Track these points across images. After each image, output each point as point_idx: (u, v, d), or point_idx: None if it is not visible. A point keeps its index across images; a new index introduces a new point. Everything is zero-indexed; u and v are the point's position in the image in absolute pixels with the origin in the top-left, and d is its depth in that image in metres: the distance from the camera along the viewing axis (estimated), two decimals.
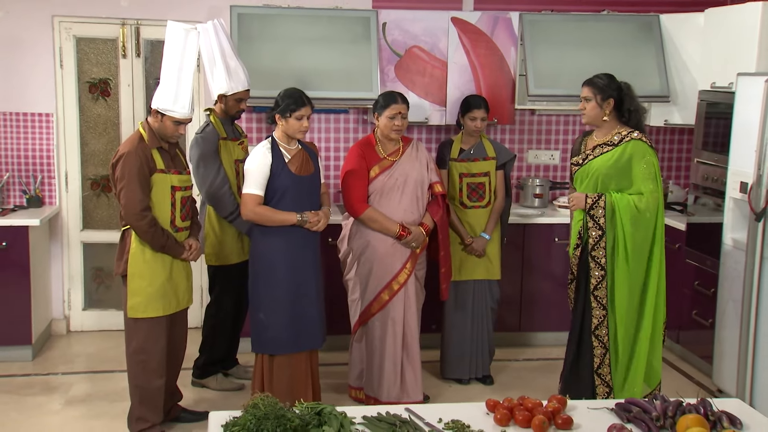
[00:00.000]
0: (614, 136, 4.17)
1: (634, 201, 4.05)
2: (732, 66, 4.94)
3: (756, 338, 4.45)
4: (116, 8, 5.65)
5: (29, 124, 5.71)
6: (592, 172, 4.16)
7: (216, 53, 4.66)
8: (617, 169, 4.10)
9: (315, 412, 2.49)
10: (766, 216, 4.36)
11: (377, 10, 5.62)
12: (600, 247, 4.09)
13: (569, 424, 2.49)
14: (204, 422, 4.12)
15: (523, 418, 2.50)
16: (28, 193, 5.66)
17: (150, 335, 4.13)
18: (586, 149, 4.27)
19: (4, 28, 5.59)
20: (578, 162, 4.27)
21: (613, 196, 4.08)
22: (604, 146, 4.17)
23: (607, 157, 4.13)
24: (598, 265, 4.11)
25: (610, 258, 4.09)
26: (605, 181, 4.13)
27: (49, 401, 4.78)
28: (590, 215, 4.12)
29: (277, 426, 2.39)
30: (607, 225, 4.07)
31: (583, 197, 4.14)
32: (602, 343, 4.14)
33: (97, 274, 6.00)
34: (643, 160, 4.08)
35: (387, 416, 2.52)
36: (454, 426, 2.49)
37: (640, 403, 2.57)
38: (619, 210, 4.05)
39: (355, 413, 2.55)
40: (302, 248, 4.24)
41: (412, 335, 4.57)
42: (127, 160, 3.98)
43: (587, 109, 4.22)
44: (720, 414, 2.50)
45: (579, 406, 2.64)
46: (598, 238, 4.10)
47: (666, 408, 2.52)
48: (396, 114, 4.45)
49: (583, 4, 6.01)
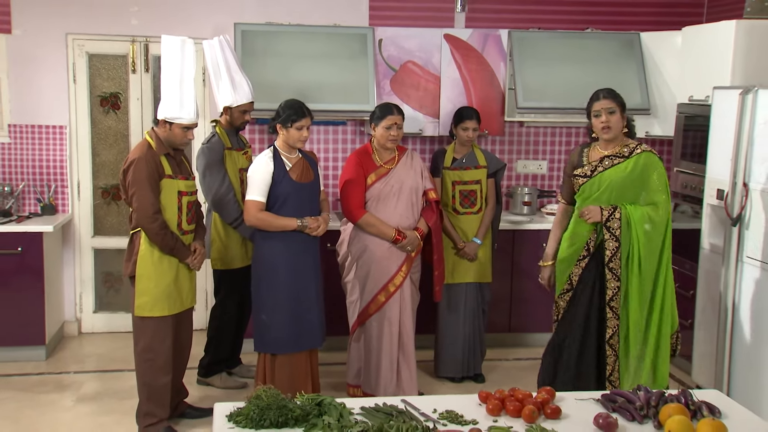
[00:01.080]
0: (623, 147, 3.98)
1: (648, 212, 3.89)
2: (708, 80, 4.95)
3: (732, 337, 4.44)
4: (126, 26, 5.66)
5: (44, 135, 5.70)
6: (606, 183, 3.94)
7: (221, 67, 4.66)
8: (632, 180, 3.92)
9: (315, 403, 2.48)
10: (742, 221, 4.37)
11: (373, 28, 5.63)
12: (617, 258, 3.90)
13: (558, 414, 2.48)
14: (209, 418, 4.10)
15: (514, 408, 2.49)
16: (43, 202, 5.65)
17: (157, 334, 4.11)
18: (590, 161, 4.03)
19: (21, 46, 5.59)
20: (586, 174, 4.02)
21: (628, 208, 3.90)
22: (614, 158, 3.96)
23: (620, 168, 3.93)
24: (614, 276, 3.92)
25: (624, 269, 3.90)
26: (620, 192, 3.93)
27: (62, 398, 4.75)
28: (607, 227, 3.91)
29: (279, 416, 2.38)
30: (622, 237, 3.88)
31: (599, 210, 3.93)
32: (614, 351, 3.94)
33: (107, 279, 5.98)
34: (656, 172, 3.94)
35: (384, 407, 2.51)
36: (448, 416, 2.48)
37: (624, 394, 2.57)
38: (634, 222, 3.87)
39: (354, 404, 2.54)
40: (302, 252, 4.23)
41: (407, 335, 4.56)
42: (137, 165, 3.98)
43: (613, 122, 3.95)
44: (700, 403, 2.50)
45: (567, 398, 2.63)
46: (615, 249, 3.90)
47: (649, 398, 2.51)
48: (392, 124, 4.46)
49: (569, 22, 6.04)
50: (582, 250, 4.01)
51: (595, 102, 4.03)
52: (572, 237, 4.06)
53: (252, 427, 2.36)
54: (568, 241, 4.07)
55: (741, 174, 4.36)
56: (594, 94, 4.07)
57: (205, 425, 4.33)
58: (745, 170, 4.34)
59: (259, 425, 2.36)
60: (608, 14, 6.11)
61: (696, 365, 4.90)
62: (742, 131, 4.36)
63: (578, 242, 4.02)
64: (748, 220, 4.33)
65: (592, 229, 3.98)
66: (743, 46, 4.80)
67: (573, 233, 4.06)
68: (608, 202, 3.94)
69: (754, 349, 4.29)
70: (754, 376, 4.30)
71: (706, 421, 2.32)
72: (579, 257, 4.02)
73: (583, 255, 4.01)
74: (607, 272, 3.93)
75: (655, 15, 6.15)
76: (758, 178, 4.25)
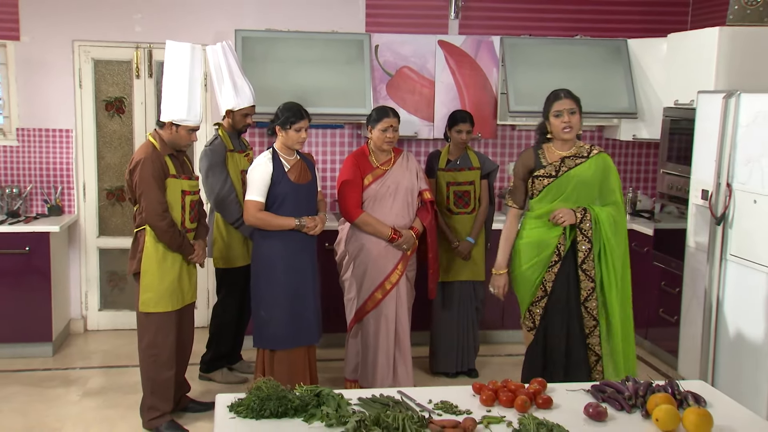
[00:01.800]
0: (580, 149, 3.86)
1: (612, 212, 3.79)
2: (693, 85, 4.97)
3: (717, 332, 4.45)
4: (131, 33, 5.66)
5: (51, 139, 5.69)
6: (573, 183, 3.79)
7: (224, 72, 4.66)
8: (593, 181, 3.81)
9: (314, 394, 2.48)
10: (725, 220, 4.38)
11: (370, 34, 5.64)
12: (589, 259, 3.77)
13: (549, 404, 2.48)
14: (211, 412, 4.12)
15: (507, 399, 2.49)
16: (49, 203, 5.64)
17: (160, 330, 4.10)
18: (551, 161, 3.85)
19: (29, 52, 5.59)
20: (550, 174, 3.83)
21: (595, 209, 3.79)
22: (575, 158, 3.83)
23: (583, 168, 3.80)
24: (588, 277, 3.78)
25: (597, 269, 3.78)
26: (583, 192, 3.80)
27: (68, 393, 4.74)
28: (580, 229, 3.76)
29: (278, 406, 2.37)
30: (594, 237, 3.75)
31: (572, 212, 3.76)
32: (594, 352, 3.83)
33: (111, 278, 5.97)
34: (612, 173, 3.85)
35: (381, 398, 2.51)
36: (443, 406, 2.48)
37: (613, 385, 2.57)
38: (602, 222, 3.75)
39: (351, 396, 2.53)
40: (300, 251, 4.22)
41: (403, 331, 4.55)
42: (144, 165, 3.97)
43: (574, 121, 3.80)
44: (686, 393, 2.50)
45: (558, 389, 2.63)
46: (587, 251, 3.77)
47: (637, 388, 2.51)
48: (388, 127, 4.45)
49: (559, 29, 6.06)
50: (553, 255, 3.82)
51: (555, 102, 3.83)
52: (537, 245, 3.85)
53: (252, 417, 2.35)
54: (535, 249, 3.85)
55: (725, 175, 4.37)
56: (553, 94, 3.88)
57: (207, 419, 4.32)
58: (728, 171, 4.35)
59: (259, 415, 2.36)
60: (596, 21, 6.13)
61: (682, 359, 4.91)
62: (725, 134, 4.37)
63: (547, 249, 3.83)
64: (731, 219, 4.34)
65: (560, 233, 3.80)
66: (726, 51, 4.81)
67: (537, 241, 3.85)
68: (575, 203, 3.80)
69: (737, 342, 4.30)
70: (737, 368, 4.31)
71: (692, 409, 2.33)
72: (550, 263, 3.83)
73: (554, 260, 3.82)
74: (581, 273, 3.80)
75: (641, 22, 6.17)
76: (741, 179, 4.26)
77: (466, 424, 2.28)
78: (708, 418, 2.30)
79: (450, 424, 2.28)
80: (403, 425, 2.22)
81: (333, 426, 2.29)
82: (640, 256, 5.61)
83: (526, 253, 3.87)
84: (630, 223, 5.77)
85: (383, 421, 2.23)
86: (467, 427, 2.28)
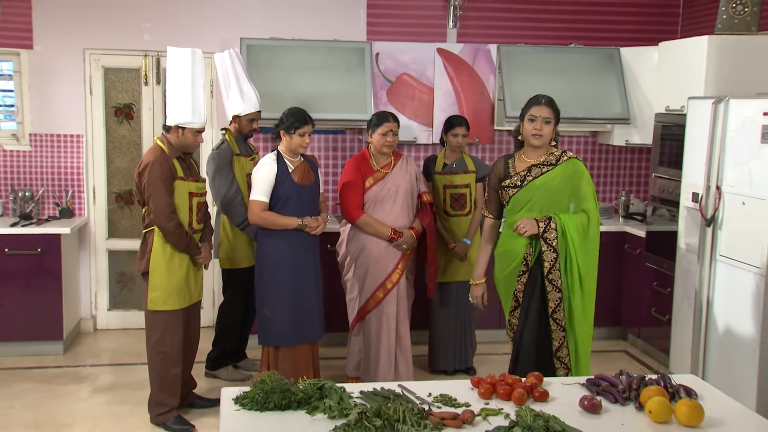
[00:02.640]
0: (549, 155, 3.62)
1: (581, 221, 3.53)
2: (683, 91, 4.97)
3: (707, 330, 4.45)
4: (140, 41, 5.67)
5: (62, 144, 5.69)
6: (537, 193, 3.57)
7: (231, 78, 4.67)
8: (562, 188, 3.57)
9: (317, 387, 2.47)
10: (715, 222, 4.38)
11: (371, 42, 5.65)
12: (555, 269, 3.53)
13: (545, 397, 2.47)
14: (216, 408, 4.08)
15: (504, 392, 2.48)
16: (61, 206, 5.64)
17: (168, 327, 4.10)
18: (518, 171, 3.63)
19: (41, 60, 5.59)
20: (516, 184, 3.61)
21: (562, 218, 3.53)
22: (542, 166, 3.60)
23: (549, 177, 3.57)
24: (555, 287, 3.55)
25: (564, 279, 3.53)
26: (551, 201, 3.57)
27: (79, 389, 4.73)
28: (544, 239, 3.52)
29: (282, 398, 2.37)
30: (559, 247, 3.50)
31: (534, 222, 3.52)
32: (564, 364, 3.58)
33: (120, 278, 5.96)
34: (584, 179, 3.59)
35: (382, 391, 2.50)
36: (442, 399, 2.47)
37: (608, 378, 2.56)
38: (569, 231, 3.50)
39: (353, 389, 2.53)
40: (303, 250, 4.22)
41: (404, 329, 4.55)
42: (153, 168, 3.97)
43: (546, 132, 3.57)
44: (678, 386, 2.49)
45: (554, 382, 2.62)
46: (553, 261, 3.53)
47: (631, 382, 2.51)
48: (388, 131, 4.45)
49: (553, 38, 6.07)
50: (521, 265, 3.62)
51: (534, 106, 3.62)
52: (508, 254, 3.66)
53: (257, 409, 2.35)
54: (505, 259, 3.68)
55: (714, 178, 4.37)
56: (534, 97, 3.67)
57: (212, 414, 4.31)
58: (718, 174, 4.35)
59: (263, 407, 2.35)
60: (590, 30, 6.13)
61: (673, 357, 4.90)
62: (715, 138, 4.37)
63: (515, 258, 3.62)
64: (721, 221, 4.34)
65: (527, 243, 3.59)
66: (715, 59, 4.82)
67: (507, 250, 3.66)
68: (540, 212, 3.57)
69: (727, 340, 4.29)
70: (727, 364, 4.30)
71: (684, 401, 2.32)
72: (519, 273, 3.63)
73: (522, 270, 3.63)
74: (548, 284, 3.56)
75: (633, 32, 6.18)
76: (730, 182, 4.26)
77: (465, 416, 2.28)
78: (699, 409, 2.29)
79: (449, 416, 2.27)
80: (404, 416, 2.22)
81: (335, 418, 2.28)
82: (632, 258, 5.61)
83: (501, 262, 3.71)
84: (623, 225, 5.77)
85: (384, 413, 2.22)
86: (466, 419, 2.27)
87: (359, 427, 2.17)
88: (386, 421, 2.20)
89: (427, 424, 2.22)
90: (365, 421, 2.18)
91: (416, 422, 2.21)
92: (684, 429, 2.28)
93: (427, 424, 2.22)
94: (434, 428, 2.22)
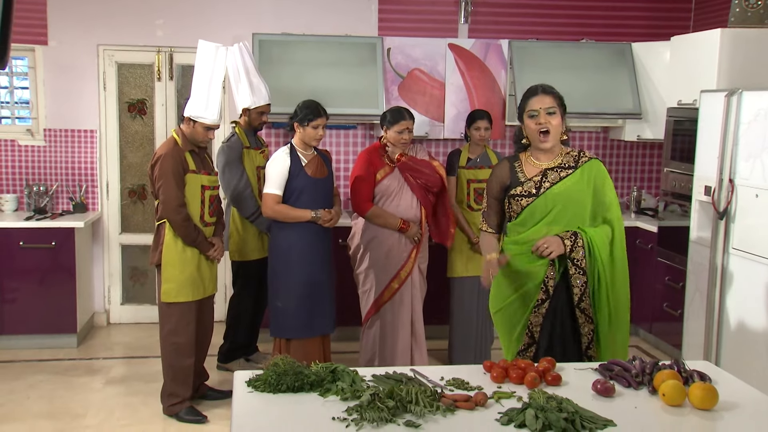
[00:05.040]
0: (566, 156, 3.02)
1: (607, 234, 2.99)
2: (695, 85, 4.95)
3: (720, 324, 4.42)
4: (153, 37, 5.70)
5: (76, 139, 5.73)
6: (558, 202, 2.96)
7: (241, 71, 4.68)
8: (585, 195, 2.99)
9: (329, 370, 2.47)
10: (728, 215, 4.35)
11: (382, 37, 5.65)
12: (586, 296, 2.96)
13: (558, 381, 2.45)
14: (228, 399, 4.11)
15: (517, 376, 2.47)
16: (74, 200, 5.67)
17: (181, 319, 4.11)
18: (529, 176, 3.01)
19: (56, 56, 5.63)
20: (530, 192, 2.98)
21: (588, 232, 2.95)
22: (559, 170, 2.98)
23: (570, 182, 2.97)
24: (588, 318, 2.98)
25: (596, 307, 2.97)
26: (573, 211, 2.98)
27: (92, 381, 4.76)
28: (571, 259, 2.93)
29: (295, 380, 2.37)
30: (588, 267, 2.94)
31: (559, 240, 2.91)
32: None
33: (133, 273, 5.99)
34: (607, 184, 3.04)
35: (394, 374, 2.50)
36: (455, 383, 2.46)
37: (621, 363, 2.54)
38: (596, 248, 2.93)
39: (365, 372, 2.52)
40: (316, 242, 4.23)
41: (418, 320, 4.55)
42: (164, 161, 3.99)
43: (554, 125, 2.94)
44: (691, 371, 2.48)
45: (566, 367, 2.61)
46: (583, 285, 2.95)
47: (644, 367, 2.49)
48: (404, 129, 4.42)
49: (565, 33, 6.05)
50: (538, 292, 2.98)
51: (531, 98, 2.98)
52: (521, 276, 3.02)
53: (270, 391, 2.35)
54: (516, 281, 3.04)
55: (727, 171, 4.35)
56: (529, 89, 3.03)
57: (224, 406, 4.32)
58: (731, 167, 4.32)
59: (276, 389, 2.35)
60: (602, 26, 6.12)
61: (686, 353, 4.86)
62: (727, 131, 4.34)
63: (531, 281, 2.99)
64: (733, 213, 4.31)
65: (547, 265, 2.97)
66: (728, 52, 4.79)
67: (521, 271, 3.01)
68: (562, 226, 2.96)
69: (740, 334, 4.26)
70: (740, 360, 4.26)
71: (698, 384, 2.30)
72: (536, 302, 2.99)
73: (541, 299, 2.98)
74: (579, 315, 2.96)
75: (645, 27, 6.16)
76: (743, 174, 4.23)
77: (478, 399, 2.27)
78: (713, 392, 2.27)
79: (462, 398, 2.27)
80: (416, 398, 2.21)
81: (348, 400, 2.28)
82: (644, 253, 5.58)
83: (503, 288, 3.07)
84: (634, 220, 5.74)
85: (397, 395, 2.22)
86: (479, 401, 2.26)
87: (372, 408, 2.16)
88: (399, 402, 2.20)
89: (440, 405, 2.21)
90: (378, 402, 2.18)
91: (429, 403, 2.20)
92: (698, 412, 2.27)
93: (440, 405, 2.21)
94: (447, 410, 2.21)
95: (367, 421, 2.12)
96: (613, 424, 2.14)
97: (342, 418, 2.15)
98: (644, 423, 2.22)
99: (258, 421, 2.17)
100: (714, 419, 2.24)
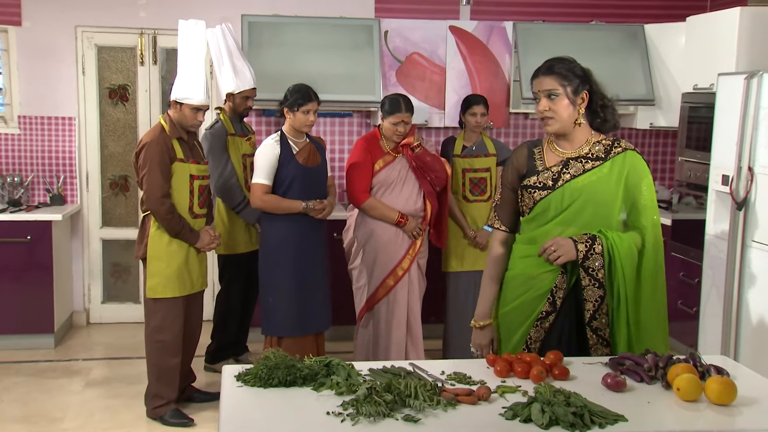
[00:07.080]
0: (594, 145, 2.71)
1: (635, 243, 2.67)
2: (713, 68, 4.95)
3: (738, 322, 4.42)
4: (135, 19, 5.69)
5: (53, 127, 5.72)
6: (577, 198, 2.67)
7: (224, 54, 4.69)
8: (614, 193, 2.68)
9: (323, 364, 2.47)
10: (747, 205, 4.35)
11: (379, 19, 5.65)
12: (602, 314, 2.67)
13: (566, 375, 2.45)
14: (216, 402, 4.10)
15: (522, 370, 2.46)
16: (52, 192, 5.67)
17: (168, 315, 4.11)
18: (548, 165, 2.73)
19: (31, 38, 5.62)
20: (545, 184, 2.70)
21: (611, 237, 2.62)
22: (584, 160, 2.69)
23: (596, 175, 2.68)
24: (602, 341, 2.71)
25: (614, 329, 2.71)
26: (596, 211, 2.68)
27: (71, 383, 4.76)
28: (584, 268, 2.65)
29: (287, 374, 2.36)
30: (606, 280, 2.65)
31: (571, 244, 2.63)
32: None
33: (114, 270, 5.99)
34: (645, 182, 2.71)
35: (392, 368, 2.50)
36: (456, 377, 2.46)
37: (632, 357, 2.54)
38: (619, 258, 2.61)
39: (362, 367, 2.52)
40: (308, 235, 4.23)
41: (415, 319, 4.55)
42: (149, 148, 3.99)
43: (559, 110, 2.65)
44: (708, 366, 2.47)
45: (574, 362, 2.60)
46: (598, 301, 2.66)
47: (657, 361, 2.49)
48: (399, 121, 4.40)
49: (573, 15, 6.06)
50: (543, 303, 2.73)
51: (532, 81, 2.75)
52: (526, 281, 2.77)
53: (260, 386, 2.34)
54: (521, 285, 2.79)
55: (746, 158, 4.35)
56: (535, 71, 2.77)
57: (212, 408, 4.33)
58: (750, 154, 4.33)
59: (267, 384, 2.34)
60: (612, 7, 6.12)
61: (702, 350, 4.85)
62: (747, 116, 4.34)
63: (534, 290, 2.76)
64: (753, 203, 4.31)
65: (556, 272, 2.71)
66: (747, 32, 4.80)
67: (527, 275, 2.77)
68: (584, 228, 2.67)
69: (761, 332, 4.26)
70: (761, 359, 4.26)
71: (715, 378, 2.30)
72: (539, 314, 2.73)
73: (546, 311, 2.73)
74: (591, 336, 2.70)
75: (659, 8, 6.16)
76: (763, 162, 4.23)
77: (481, 393, 2.27)
78: (732, 387, 2.27)
79: (464, 393, 2.26)
80: (415, 392, 2.21)
81: (343, 394, 2.28)
82: None
83: (512, 290, 2.83)
84: None
85: (395, 388, 2.22)
86: (481, 396, 2.26)
87: (369, 402, 2.16)
88: (397, 396, 2.19)
89: (440, 400, 2.21)
90: (375, 396, 2.18)
91: (429, 397, 2.20)
92: (715, 408, 2.26)
93: (440, 400, 2.21)
94: (448, 404, 2.21)
95: (364, 415, 2.11)
96: (625, 419, 2.14)
97: (337, 413, 2.14)
98: (658, 418, 2.21)
99: (248, 416, 2.17)
100: (732, 414, 2.24)
